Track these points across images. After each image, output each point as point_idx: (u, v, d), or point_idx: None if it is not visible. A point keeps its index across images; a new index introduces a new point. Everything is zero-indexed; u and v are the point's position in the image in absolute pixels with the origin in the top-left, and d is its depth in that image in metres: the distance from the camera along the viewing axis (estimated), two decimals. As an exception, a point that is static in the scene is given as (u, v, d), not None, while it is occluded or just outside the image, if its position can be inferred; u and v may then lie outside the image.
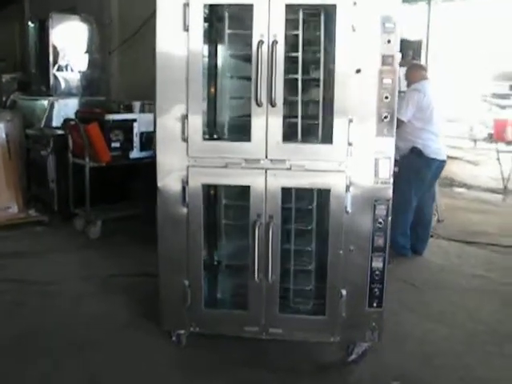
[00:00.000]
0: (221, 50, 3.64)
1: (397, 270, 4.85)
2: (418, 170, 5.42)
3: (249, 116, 3.23)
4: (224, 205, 3.70)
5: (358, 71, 3.10)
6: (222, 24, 3.49)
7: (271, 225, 3.27)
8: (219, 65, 3.65)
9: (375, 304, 3.33)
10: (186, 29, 3.16)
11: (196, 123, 3.26)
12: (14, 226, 6.13)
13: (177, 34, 3.18)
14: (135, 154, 6.14)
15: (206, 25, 3.32)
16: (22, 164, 6.59)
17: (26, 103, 7.75)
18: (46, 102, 7.40)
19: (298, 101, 3.44)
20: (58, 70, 7.63)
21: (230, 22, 3.45)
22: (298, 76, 3.38)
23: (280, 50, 3.10)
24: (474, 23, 13.59)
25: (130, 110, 6.51)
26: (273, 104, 3.13)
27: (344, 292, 3.32)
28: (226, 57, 3.64)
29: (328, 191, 3.25)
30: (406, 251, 5.57)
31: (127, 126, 6.09)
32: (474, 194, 9.28)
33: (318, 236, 3.55)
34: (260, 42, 3.09)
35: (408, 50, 6.63)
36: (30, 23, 8.10)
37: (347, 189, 3.20)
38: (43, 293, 4.49)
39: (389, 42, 3.06)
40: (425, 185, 5.59)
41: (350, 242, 3.27)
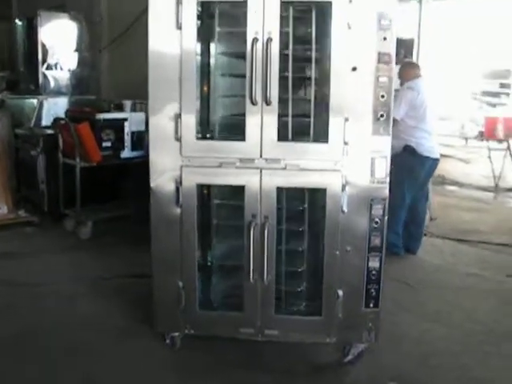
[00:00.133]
0: (214, 48, 3.59)
1: (391, 269, 4.77)
2: (411, 169, 5.40)
3: (243, 115, 3.18)
4: (218, 205, 3.65)
5: (354, 69, 3.07)
6: (215, 21, 3.44)
7: (266, 225, 3.23)
8: (213, 63, 3.60)
9: (372, 304, 3.30)
10: (179, 27, 3.11)
11: (189, 122, 3.21)
12: (4, 227, 6.05)
13: (169, 32, 3.13)
14: (126, 153, 6.07)
15: (199, 22, 3.26)
16: (11, 164, 6.52)
17: (15, 102, 7.65)
18: (35, 100, 7.30)
19: (293, 99, 3.39)
20: (47, 68, 7.53)
21: (224, 20, 3.41)
22: (294, 74, 3.34)
23: (275, 47, 3.05)
24: (464, 22, 13.62)
25: (120, 109, 6.42)
26: (268, 102, 3.09)
27: (340, 292, 3.29)
28: (220, 55, 3.60)
29: (324, 191, 3.21)
30: (398, 250, 5.54)
31: (118, 126, 6.03)
32: (465, 192, 9.31)
33: (314, 236, 3.51)
34: (254, 40, 3.04)
35: (400, 49, 6.61)
36: (17, 21, 7.99)
37: (343, 188, 3.17)
38: (33, 294, 4.43)
39: (385, 39, 3.04)
40: (418, 183, 5.58)
41: (346, 242, 3.24)
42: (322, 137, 3.19)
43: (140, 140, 6.05)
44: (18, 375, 3.35)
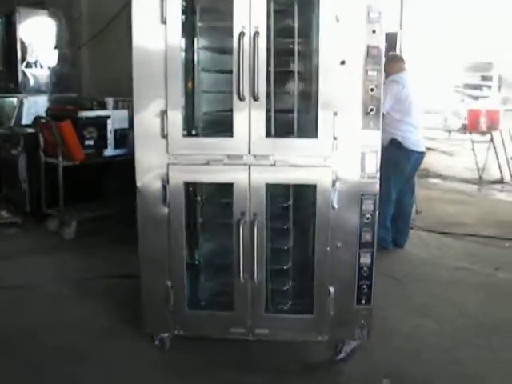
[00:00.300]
0: (200, 42, 3.52)
1: (379, 264, 4.75)
2: (397, 162, 5.37)
3: (231, 111, 3.12)
4: (207, 203, 3.60)
5: (343, 63, 3.01)
6: (201, 16, 3.37)
7: (256, 223, 3.17)
8: (199, 58, 3.53)
9: (364, 301, 3.26)
10: (164, 21, 3.04)
11: (176, 119, 3.14)
12: (-14, 229, 5.95)
13: (154, 26, 3.05)
14: (109, 151, 6.00)
15: (184, 17, 3.20)
16: (-9, 164, 6.42)
17: (-6, 101, 7.54)
18: (14, 99, 7.19)
19: (281, 94, 3.36)
20: (26, 66, 7.40)
21: (210, 14, 3.35)
22: (282, 69, 3.29)
23: (262, 41, 2.99)
24: (445, 15, 13.68)
25: (102, 106, 6.33)
26: (255, 98, 3.02)
27: (332, 289, 3.24)
28: (206, 50, 3.53)
29: (314, 187, 3.17)
30: (386, 244, 5.53)
31: (101, 123, 5.95)
32: (449, 184, 9.36)
33: (304, 233, 3.47)
34: (241, 34, 2.98)
35: (384, 43, 6.58)
36: (-5, 18, 7.87)
37: (333, 184, 3.12)
38: (17, 297, 4.34)
39: (374, 32, 2.99)
40: (404, 177, 5.57)
41: (336, 238, 3.19)
42: (311, 132, 3.14)
43: (123, 138, 5.99)
44: (2, 377, 3.27)
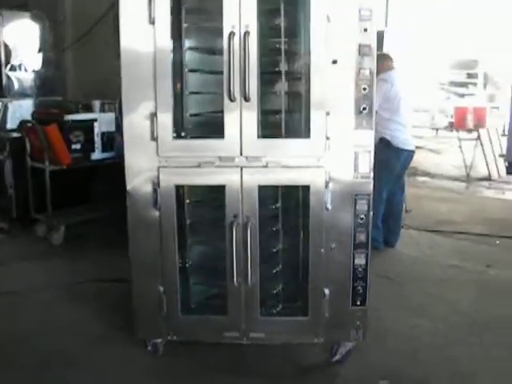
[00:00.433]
0: (189, 43, 3.47)
1: (371, 264, 4.76)
2: (386, 161, 5.34)
3: (221, 112, 3.07)
4: (198, 205, 3.55)
5: (335, 62, 2.98)
6: (189, 16, 3.32)
7: (249, 225, 3.13)
8: (188, 59, 3.48)
9: (359, 302, 3.23)
10: (152, 22, 2.98)
11: (166, 121, 3.09)
12: (-29, 236, 5.88)
13: (142, 27, 2.99)
14: (97, 155, 5.92)
15: (173, 17, 3.14)
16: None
17: (-22, 106, 7.44)
18: (-1, 103, 7.11)
19: (273, 95, 3.32)
20: (10, 69, 7.33)
21: (199, 14, 3.30)
22: (273, 69, 3.26)
23: (253, 41, 2.95)
24: (430, 13, 13.73)
25: (89, 109, 6.27)
26: (247, 98, 2.98)
27: (327, 291, 3.21)
28: (195, 50, 3.48)
29: (307, 188, 3.13)
30: (378, 244, 5.50)
31: (87, 127, 5.86)
32: (437, 182, 9.38)
33: (297, 235, 3.43)
34: (231, 34, 2.93)
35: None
36: (-23, 21, 7.77)
37: (326, 184, 3.08)
38: (7, 304, 4.27)
39: (365, 30, 2.95)
40: (394, 175, 5.55)
41: (331, 239, 3.16)
42: (304, 132, 3.11)
43: (110, 141, 5.92)
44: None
